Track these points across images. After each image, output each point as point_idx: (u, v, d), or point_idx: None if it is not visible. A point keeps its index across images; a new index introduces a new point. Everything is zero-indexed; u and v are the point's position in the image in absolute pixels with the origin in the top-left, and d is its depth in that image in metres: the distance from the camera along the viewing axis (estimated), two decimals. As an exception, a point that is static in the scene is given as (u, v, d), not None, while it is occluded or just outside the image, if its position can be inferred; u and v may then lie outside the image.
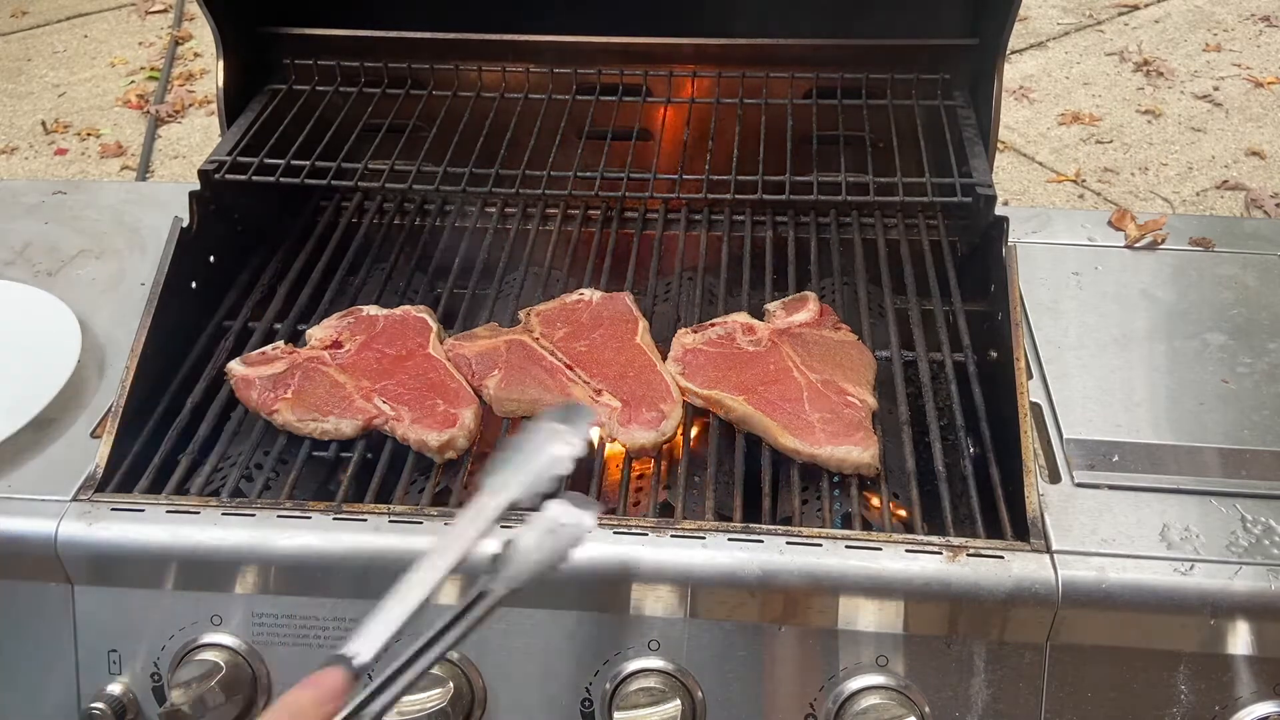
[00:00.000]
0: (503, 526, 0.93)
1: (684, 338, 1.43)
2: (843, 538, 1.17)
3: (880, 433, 1.29)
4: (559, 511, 0.95)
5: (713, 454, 1.29)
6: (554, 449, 0.99)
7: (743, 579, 1.14)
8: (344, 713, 0.76)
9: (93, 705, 1.19)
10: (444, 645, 0.84)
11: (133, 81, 4.92)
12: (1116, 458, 1.29)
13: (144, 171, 4.27)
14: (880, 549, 1.15)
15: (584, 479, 1.28)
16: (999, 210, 1.47)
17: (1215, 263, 1.61)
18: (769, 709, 1.17)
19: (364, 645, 0.81)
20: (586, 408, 1.06)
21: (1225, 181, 3.98)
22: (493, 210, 1.77)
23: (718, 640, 1.17)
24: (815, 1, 1.76)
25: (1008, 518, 1.20)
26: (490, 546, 0.91)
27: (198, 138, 4.49)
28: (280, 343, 1.44)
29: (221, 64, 1.71)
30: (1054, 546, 1.16)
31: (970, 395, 1.36)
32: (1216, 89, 4.57)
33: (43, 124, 4.56)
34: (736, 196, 1.59)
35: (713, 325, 1.44)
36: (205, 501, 1.23)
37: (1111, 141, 4.27)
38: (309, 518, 1.20)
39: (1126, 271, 1.59)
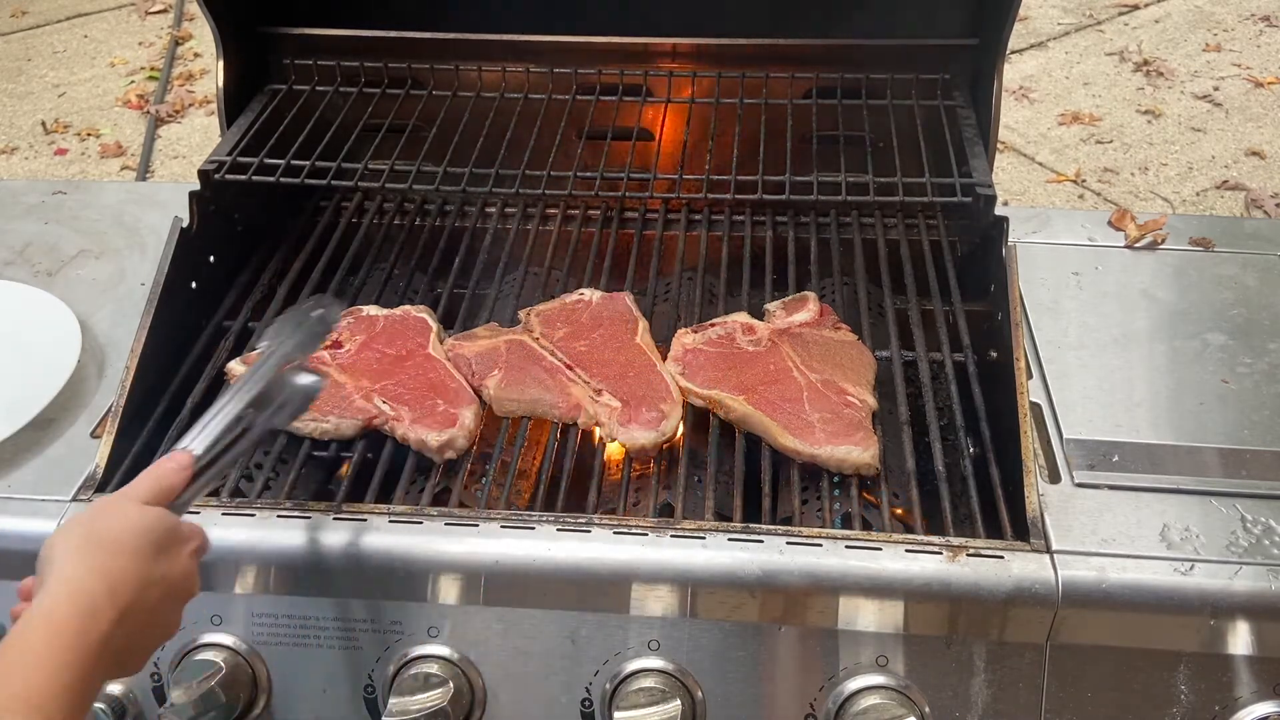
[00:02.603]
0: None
1: (684, 338, 1.42)
2: (843, 538, 1.17)
3: (880, 433, 1.29)
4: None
5: (713, 454, 1.29)
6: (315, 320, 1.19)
7: (743, 579, 1.14)
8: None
9: (93, 705, 1.19)
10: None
11: (133, 81, 4.91)
12: (1116, 458, 1.29)
13: (144, 171, 4.26)
14: (880, 549, 1.15)
15: (584, 479, 1.29)
16: (999, 210, 1.47)
17: (1215, 263, 1.61)
18: (769, 709, 1.17)
19: (196, 443, 1.05)
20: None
21: (1225, 181, 3.98)
22: (493, 210, 1.77)
23: (718, 640, 1.17)
24: (815, 1, 1.76)
25: (1008, 518, 1.20)
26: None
27: (198, 138, 4.49)
28: (280, 343, 1.44)
29: (221, 64, 1.71)
30: (1054, 546, 1.16)
31: (970, 395, 1.36)
32: (1216, 89, 4.57)
33: (43, 124, 4.55)
34: (736, 196, 1.59)
35: (713, 325, 1.44)
36: (205, 501, 1.23)
37: (1111, 141, 4.26)
38: (309, 518, 1.20)
39: (1126, 271, 1.59)
